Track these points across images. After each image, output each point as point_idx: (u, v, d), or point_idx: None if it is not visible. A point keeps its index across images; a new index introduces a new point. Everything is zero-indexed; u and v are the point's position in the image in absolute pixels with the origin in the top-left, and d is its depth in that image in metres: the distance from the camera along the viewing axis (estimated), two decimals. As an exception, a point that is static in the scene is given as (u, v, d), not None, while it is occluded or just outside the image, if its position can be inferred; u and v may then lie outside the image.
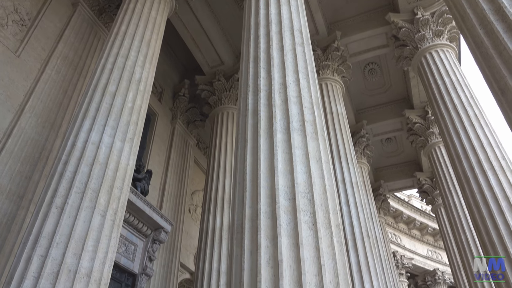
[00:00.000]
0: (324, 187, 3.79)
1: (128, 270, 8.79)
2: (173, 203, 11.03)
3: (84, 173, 5.23)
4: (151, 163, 10.83)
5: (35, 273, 4.38)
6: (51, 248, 4.55)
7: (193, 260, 11.55)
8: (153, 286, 9.34)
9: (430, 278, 21.18)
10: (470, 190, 6.73)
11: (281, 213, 3.48)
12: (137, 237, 9.30)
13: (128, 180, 5.81)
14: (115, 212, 5.32)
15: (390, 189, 16.67)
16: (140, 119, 6.37)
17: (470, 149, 6.92)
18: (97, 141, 5.56)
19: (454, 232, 10.08)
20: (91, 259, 4.72)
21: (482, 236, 6.41)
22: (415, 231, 22.05)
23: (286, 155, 3.89)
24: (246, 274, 3.27)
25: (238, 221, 3.74)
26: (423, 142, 12.29)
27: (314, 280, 3.12)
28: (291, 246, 3.29)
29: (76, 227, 4.78)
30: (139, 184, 9.47)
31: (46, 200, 5.01)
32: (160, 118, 11.86)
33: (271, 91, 4.46)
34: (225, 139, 10.27)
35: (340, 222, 3.80)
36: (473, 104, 7.57)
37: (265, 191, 3.67)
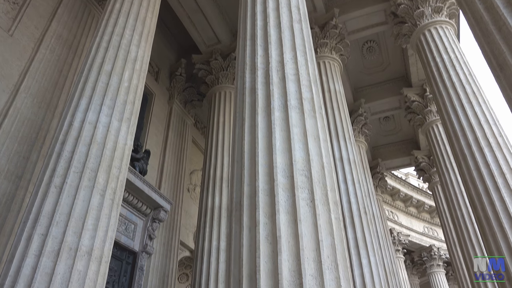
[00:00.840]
0: (322, 165, 3.81)
1: (128, 248, 8.91)
2: (172, 182, 11.08)
3: (82, 153, 5.23)
4: (149, 143, 10.83)
5: (36, 251, 4.43)
6: (51, 226, 4.59)
7: (193, 238, 11.69)
8: (153, 263, 9.48)
9: (426, 254, 21.53)
10: (466, 167, 6.78)
11: (279, 191, 3.51)
12: (137, 216, 9.38)
13: (127, 160, 5.82)
14: (114, 191, 5.35)
15: (388, 167, 16.77)
16: (137, 98, 6.34)
17: (467, 127, 6.93)
18: (94, 120, 5.54)
19: (450, 209, 10.20)
20: (92, 238, 4.77)
21: (478, 213, 6.49)
22: (412, 209, 22.30)
23: (284, 133, 3.90)
24: (245, 250, 3.32)
25: (237, 199, 3.78)
26: (421, 120, 12.30)
27: (312, 256, 3.17)
28: (290, 223, 3.33)
29: (76, 206, 4.82)
30: (137, 164, 9.49)
31: (45, 180, 5.03)
32: (157, 97, 11.79)
33: (269, 69, 4.43)
34: (223, 119, 10.25)
35: (338, 199, 3.84)
36: (472, 81, 7.54)
37: (263, 169, 3.69)
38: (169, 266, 9.74)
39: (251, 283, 3.11)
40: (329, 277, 3.12)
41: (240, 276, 3.22)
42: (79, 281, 4.48)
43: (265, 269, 3.12)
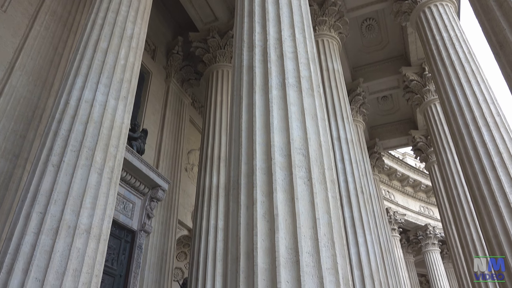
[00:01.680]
0: (319, 143, 3.80)
1: (127, 227, 8.98)
2: (169, 162, 11.08)
3: (79, 132, 5.20)
4: (146, 122, 10.78)
5: (35, 229, 4.45)
6: (49, 205, 4.61)
7: (191, 217, 11.78)
8: (152, 242, 9.57)
9: (421, 233, 21.82)
10: (464, 146, 6.80)
11: (276, 169, 3.51)
12: (135, 195, 9.42)
13: (124, 139, 5.80)
14: (112, 170, 5.35)
15: (385, 147, 16.80)
16: (133, 76, 6.27)
17: (465, 106, 6.91)
18: (91, 99, 5.49)
19: (447, 188, 10.28)
20: (90, 216, 4.80)
21: (474, 192, 6.54)
22: (408, 188, 22.48)
23: (281, 111, 3.88)
24: (243, 228, 3.34)
25: (234, 178, 3.78)
26: (419, 100, 12.26)
27: (309, 233, 3.20)
28: (287, 201, 3.35)
29: (74, 185, 4.82)
30: (135, 143, 9.47)
31: (42, 159, 5.02)
32: (154, 76, 11.68)
33: (267, 47, 4.37)
34: (220, 98, 10.18)
35: (335, 177, 3.84)
36: (471, 60, 7.48)
37: (260, 147, 3.68)
38: (167, 245, 9.84)
39: (249, 261, 3.14)
40: (326, 254, 3.16)
41: (237, 254, 3.25)
42: (78, 258, 4.52)
43: (263, 247, 3.15)
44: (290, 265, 3.03)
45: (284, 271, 2.99)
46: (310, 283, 2.96)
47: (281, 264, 3.01)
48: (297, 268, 3.00)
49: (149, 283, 9.01)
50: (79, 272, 4.47)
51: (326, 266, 3.09)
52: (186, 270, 12.41)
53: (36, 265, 4.28)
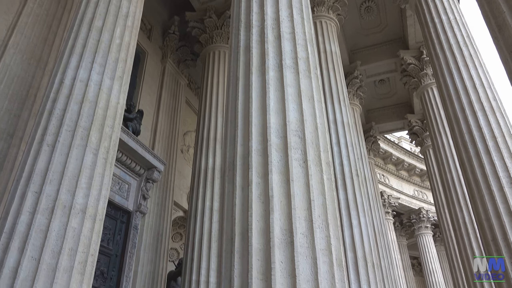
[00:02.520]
0: (315, 126, 3.79)
1: (123, 207, 9.02)
2: (165, 143, 11.07)
3: (74, 111, 5.16)
4: (142, 103, 10.71)
5: (30, 208, 4.46)
6: (44, 184, 4.60)
7: (186, 198, 11.83)
8: (147, 223, 9.63)
9: (414, 216, 22.08)
10: (459, 130, 6.82)
11: (272, 151, 3.51)
12: (131, 176, 9.43)
13: (119, 119, 5.77)
14: (107, 150, 5.33)
15: (381, 130, 16.84)
16: (129, 56, 6.19)
17: (462, 90, 6.90)
18: (86, 78, 5.43)
19: (441, 172, 10.35)
20: (85, 196, 4.80)
21: (468, 175, 6.59)
22: (403, 172, 22.64)
23: (278, 93, 3.85)
24: (238, 209, 3.36)
25: (230, 159, 3.78)
26: (416, 84, 12.23)
27: (304, 215, 3.22)
28: (282, 183, 3.36)
29: (69, 165, 4.81)
30: (130, 124, 9.43)
31: (37, 138, 4.99)
32: (150, 56, 11.55)
33: (264, 27, 4.32)
34: (217, 79, 10.11)
35: (331, 159, 3.85)
36: (469, 43, 7.44)
37: (256, 129, 3.67)
38: (163, 226, 9.91)
39: (243, 241, 3.17)
40: (320, 235, 3.19)
41: (232, 234, 3.28)
42: (74, 238, 4.55)
43: (257, 228, 3.17)
44: (284, 246, 3.06)
45: (278, 252, 3.02)
46: (304, 263, 2.99)
47: (275, 244, 3.04)
48: (291, 249, 3.03)
49: (145, 263, 9.10)
50: (75, 251, 4.50)
51: (320, 247, 3.12)
52: (182, 250, 12.53)
53: (32, 244, 4.30)
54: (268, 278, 2.92)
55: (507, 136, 6.37)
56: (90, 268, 4.65)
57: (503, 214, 5.87)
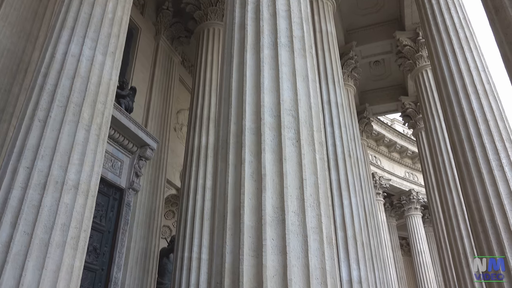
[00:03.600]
0: (309, 105, 3.79)
1: (115, 184, 9.02)
2: (158, 121, 11.01)
3: (66, 87, 5.10)
4: (135, 80, 10.59)
5: (22, 183, 4.45)
6: (36, 160, 4.58)
7: (179, 177, 11.86)
8: (140, 200, 9.67)
9: (405, 198, 22.38)
10: (452, 113, 6.85)
11: (265, 130, 3.50)
12: (123, 153, 9.41)
13: (112, 96, 5.71)
14: (100, 127, 5.30)
15: (375, 112, 16.88)
16: (121, 31, 6.09)
17: (456, 72, 6.90)
18: (77, 53, 5.34)
19: (432, 154, 10.45)
20: (78, 172, 4.79)
21: (458, 158, 6.66)
22: (395, 154, 22.81)
23: (272, 71, 3.82)
24: (230, 187, 3.38)
25: (223, 137, 3.78)
26: (411, 66, 12.21)
27: (296, 193, 3.25)
28: (275, 161, 3.37)
29: (61, 141, 4.78)
30: (123, 101, 9.34)
31: (28, 113, 4.94)
32: (143, 33, 11.36)
33: (259, 4, 4.24)
34: (211, 57, 10.00)
35: (323, 139, 3.86)
36: (465, 26, 7.40)
37: (250, 107, 3.66)
38: (155, 203, 9.96)
39: (235, 218, 3.20)
40: (311, 214, 3.23)
41: (224, 212, 3.30)
42: (67, 213, 4.56)
43: (249, 205, 3.20)
44: (276, 224, 3.09)
45: (270, 229, 3.05)
46: (295, 241, 3.04)
47: (267, 222, 3.07)
48: (283, 227, 3.07)
49: (137, 239, 9.18)
50: (68, 226, 4.52)
51: (311, 225, 3.16)
52: (174, 228, 12.64)
53: (24, 219, 4.30)
54: (259, 255, 2.96)
55: (499, 120, 6.42)
56: (83, 244, 4.69)
57: (491, 196, 5.96)
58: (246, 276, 2.89)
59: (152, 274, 9.23)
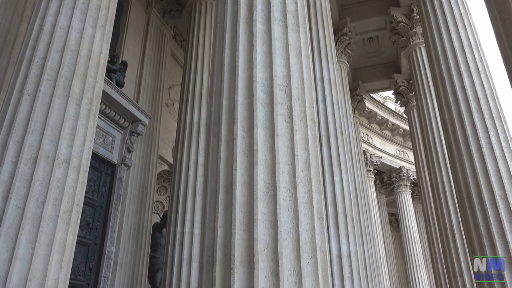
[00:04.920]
0: (302, 81, 3.77)
1: (107, 160, 9.00)
2: (150, 96, 10.91)
3: (55, 60, 5.01)
4: (125, 55, 10.42)
5: (13, 158, 4.42)
6: (26, 134, 4.55)
7: (171, 152, 11.86)
8: (132, 175, 9.67)
9: (395, 175, 22.65)
10: (444, 91, 6.88)
11: (258, 105, 3.49)
12: (115, 128, 9.35)
13: (102, 70, 5.63)
14: (90, 101, 5.24)
15: (367, 90, 16.85)
16: (111, 3, 5.94)
17: (449, 50, 6.90)
18: (66, 26, 5.22)
19: (423, 132, 10.54)
20: (69, 147, 4.77)
21: (449, 136, 6.73)
22: (386, 132, 22.94)
23: (265, 46, 3.78)
24: (222, 163, 3.39)
25: (215, 113, 3.76)
26: (404, 43, 12.13)
27: (287, 169, 3.27)
28: (267, 137, 3.37)
29: (51, 115, 4.73)
30: (114, 75, 9.21)
31: (17, 87, 4.86)
32: (133, 5, 11.10)
33: (253, -23, 4.15)
34: (203, 32, 9.85)
35: (316, 116, 3.87)
36: (460, 2, 7.34)
37: (243, 83, 3.63)
38: (148, 179, 9.98)
39: (227, 193, 3.23)
40: (302, 189, 3.26)
41: (217, 187, 3.32)
42: (59, 188, 4.56)
43: (241, 181, 3.22)
44: (267, 199, 3.13)
45: (261, 204, 3.09)
46: (286, 215, 3.08)
47: (258, 197, 3.10)
48: (274, 202, 3.11)
49: (130, 214, 9.24)
50: (60, 201, 4.53)
51: (302, 201, 3.21)
52: (167, 203, 12.72)
53: (15, 193, 4.30)
54: (250, 229, 3.00)
55: (490, 98, 6.48)
56: (75, 218, 4.71)
57: (479, 173, 6.07)
58: (237, 250, 2.94)
59: (145, 248, 9.34)
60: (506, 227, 5.61)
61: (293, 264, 2.92)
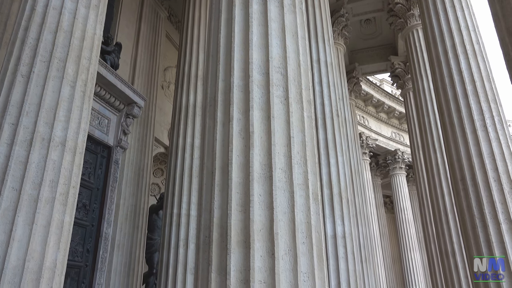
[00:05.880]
0: (298, 63, 3.75)
1: (103, 142, 8.99)
2: (145, 78, 10.82)
3: (48, 41, 4.94)
4: (120, 36, 10.29)
5: (8, 140, 4.41)
6: (21, 116, 4.52)
7: (167, 135, 11.84)
8: (128, 158, 9.67)
9: (390, 157, 22.78)
10: (440, 73, 6.87)
11: (254, 87, 3.49)
12: (110, 111, 9.30)
13: (96, 51, 5.57)
14: (85, 83, 5.20)
15: (364, 72, 16.78)
16: (105, -17, 5.84)
17: (447, 32, 6.86)
18: (59, 6, 5.13)
19: (419, 115, 10.57)
20: (64, 129, 4.75)
21: (444, 119, 6.76)
22: (382, 114, 22.97)
23: (261, 27, 3.75)
24: (218, 144, 3.40)
25: (211, 95, 3.75)
26: (402, 25, 12.04)
27: (283, 151, 3.29)
28: (263, 119, 3.38)
29: (45, 97, 4.70)
30: (108, 57, 9.12)
31: (10, 68, 4.81)
32: (127, -15, 10.92)
33: (249, -44, 4.08)
34: (199, 12, 9.72)
35: (312, 98, 3.87)
36: (458, -17, 7.28)
37: (238, 64, 3.61)
38: (144, 161, 9.99)
39: (223, 175, 3.24)
40: (298, 171, 3.29)
41: (213, 168, 3.34)
42: (55, 170, 4.56)
43: (237, 162, 3.24)
44: (263, 180, 3.15)
45: (257, 185, 3.11)
46: (282, 196, 3.11)
47: (254, 179, 3.13)
48: (270, 183, 3.13)
49: (127, 196, 9.28)
50: (56, 183, 4.53)
51: (298, 182, 3.23)
52: (163, 185, 12.76)
53: (11, 175, 4.30)
54: (246, 210, 3.03)
55: (486, 80, 6.48)
56: (72, 200, 4.73)
57: (473, 155, 6.12)
58: (233, 230, 2.98)
59: (142, 230, 9.42)
60: (498, 208, 5.70)
61: (289, 244, 2.97)
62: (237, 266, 2.87)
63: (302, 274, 2.92)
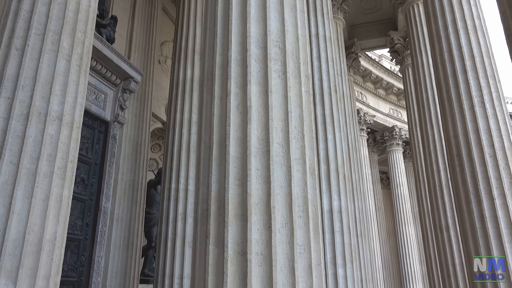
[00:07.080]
0: (296, 37, 3.71)
1: (100, 117, 8.95)
2: (141, 53, 10.68)
3: (42, 13, 4.85)
4: (115, 9, 10.10)
5: (4, 114, 4.39)
6: (17, 90, 4.49)
7: (165, 110, 11.79)
8: (126, 133, 9.66)
9: (388, 134, 22.83)
10: (439, 49, 6.81)
11: (251, 61, 3.45)
12: (107, 86, 9.22)
13: (92, 24, 5.47)
14: (81, 57, 5.13)
15: (363, 47, 16.61)
16: (98, -47, 5.69)
17: (447, 6, 6.76)
18: (52, -24, 5.02)
19: (417, 91, 10.54)
20: (61, 103, 4.72)
21: (442, 95, 6.74)
22: (380, 91, 22.87)
23: (259, 0, 3.68)
24: (216, 119, 3.40)
25: (209, 69, 3.72)
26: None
27: (281, 125, 3.29)
28: (260, 94, 3.36)
29: (41, 71, 4.65)
30: (104, 31, 8.97)
31: (4, 41, 4.74)
32: (122, -44, 10.64)
33: None
34: (196, -15, 9.51)
35: (310, 73, 3.84)
36: (461, -45, 7.12)
37: (236, 38, 3.56)
38: (141, 136, 9.98)
39: (221, 149, 3.26)
40: (295, 145, 3.30)
41: (210, 143, 3.35)
42: (52, 144, 4.56)
43: (235, 137, 3.24)
44: (260, 155, 3.16)
45: (254, 160, 3.13)
46: (279, 171, 3.13)
47: (252, 153, 3.14)
48: (267, 158, 3.15)
49: (125, 171, 9.32)
50: (54, 157, 4.54)
51: (295, 157, 3.25)
52: (161, 161, 12.79)
53: (9, 149, 4.31)
54: (244, 184, 3.06)
55: (485, 56, 6.44)
56: (70, 174, 4.75)
57: (470, 132, 6.15)
58: (231, 204, 3.01)
59: (140, 204, 9.51)
60: (493, 183, 5.76)
61: (285, 217, 3.01)
62: (235, 238, 2.92)
63: (299, 247, 2.97)
